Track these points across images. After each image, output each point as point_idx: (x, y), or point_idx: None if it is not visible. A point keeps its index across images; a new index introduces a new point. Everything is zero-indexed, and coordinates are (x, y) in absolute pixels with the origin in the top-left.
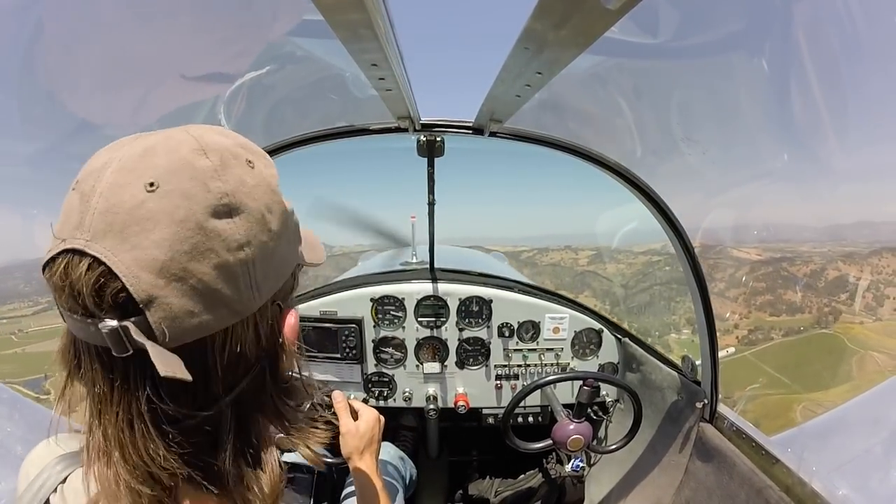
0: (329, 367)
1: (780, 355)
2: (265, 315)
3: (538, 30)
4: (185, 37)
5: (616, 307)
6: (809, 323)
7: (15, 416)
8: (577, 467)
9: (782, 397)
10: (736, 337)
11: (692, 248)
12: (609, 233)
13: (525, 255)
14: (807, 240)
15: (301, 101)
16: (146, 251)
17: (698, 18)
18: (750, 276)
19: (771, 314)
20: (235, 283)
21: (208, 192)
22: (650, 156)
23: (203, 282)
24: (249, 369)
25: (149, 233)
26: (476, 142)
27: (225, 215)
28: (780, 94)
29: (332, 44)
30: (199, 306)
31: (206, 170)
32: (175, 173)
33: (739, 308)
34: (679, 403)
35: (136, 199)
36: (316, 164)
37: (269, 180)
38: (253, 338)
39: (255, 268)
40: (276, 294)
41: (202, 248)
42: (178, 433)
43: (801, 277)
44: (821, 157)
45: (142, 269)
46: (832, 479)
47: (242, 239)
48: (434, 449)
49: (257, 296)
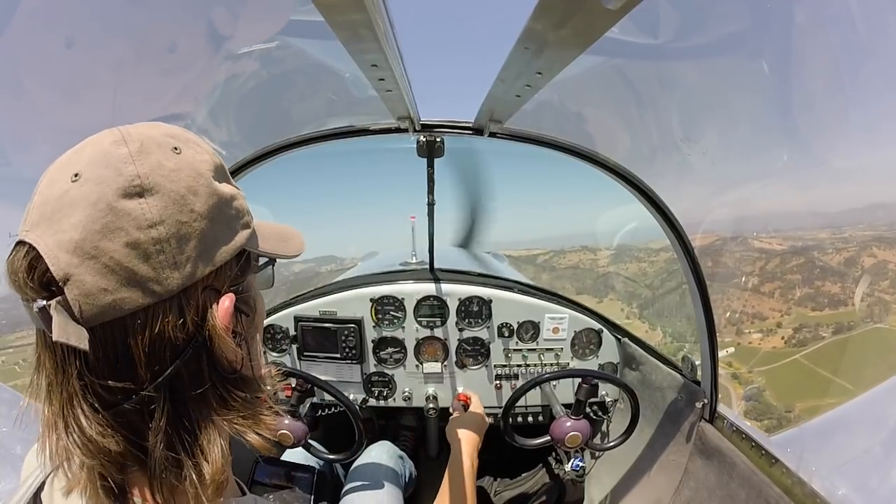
0: (329, 367)
1: (835, 357)
2: (192, 298)
3: (538, 30)
4: (183, 37)
5: (645, 310)
6: (859, 317)
7: (15, 415)
8: (577, 467)
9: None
10: (782, 338)
11: (691, 248)
12: (623, 230)
13: (541, 258)
14: (825, 225)
15: (301, 101)
16: (66, 233)
17: (698, 18)
18: (780, 268)
19: (813, 309)
20: (148, 261)
21: (120, 175)
22: (650, 156)
23: (115, 259)
24: (179, 354)
25: (68, 217)
26: (475, 142)
27: (136, 196)
28: (781, 94)
29: (332, 44)
30: (113, 284)
31: (121, 156)
32: (94, 163)
33: (778, 304)
34: (679, 403)
35: (62, 189)
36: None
37: (197, 165)
38: (177, 321)
39: (171, 246)
40: (209, 278)
41: (112, 226)
42: (113, 415)
43: (834, 266)
44: (821, 155)
45: (61, 249)
46: (832, 478)
47: (155, 218)
48: (434, 449)
49: (177, 276)
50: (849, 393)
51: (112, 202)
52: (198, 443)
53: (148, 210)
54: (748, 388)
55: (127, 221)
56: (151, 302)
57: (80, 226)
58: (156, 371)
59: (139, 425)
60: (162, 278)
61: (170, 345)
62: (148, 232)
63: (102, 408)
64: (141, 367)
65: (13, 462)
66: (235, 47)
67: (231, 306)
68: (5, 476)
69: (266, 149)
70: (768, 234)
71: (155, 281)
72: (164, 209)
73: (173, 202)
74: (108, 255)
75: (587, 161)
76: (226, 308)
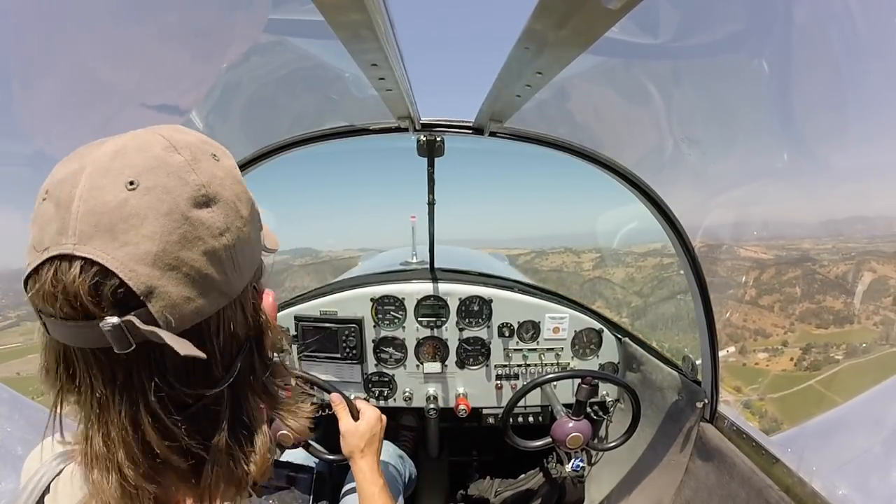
0: (329, 367)
1: (856, 385)
2: (247, 296)
3: (539, 30)
4: (184, 37)
5: (637, 320)
6: (871, 338)
7: (15, 416)
8: (578, 467)
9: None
10: (791, 359)
11: (692, 249)
12: (610, 232)
13: (522, 258)
14: (824, 235)
15: (302, 101)
16: (138, 246)
17: (698, 18)
18: (776, 279)
19: (818, 326)
20: (222, 266)
21: (186, 184)
22: (650, 156)
23: (195, 268)
24: (241, 349)
25: (137, 228)
26: (476, 142)
27: (204, 205)
28: (781, 94)
29: (332, 44)
30: (195, 292)
31: (180, 165)
32: (152, 170)
33: (778, 319)
34: (679, 403)
35: (119, 197)
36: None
37: (234, 172)
38: (241, 318)
39: (236, 252)
40: (253, 276)
41: (190, 236)
42: (184, 420)
43: (833, 280)
44: (821, 156)
45: (136, 262)
46: (832, 478)
47: (223, 226)
48: (434, 449)
49: (240, 278)
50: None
51: (186, 212)
52: (253, 433)
53: (217, 218)
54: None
55: (203, 230)
56: (224, 304)
57: (157, 237)
58: (227, 368)
59: (205, 426)
60: (231, 281)
61: (237, 341)
62: (220, 239)
63: (178, 412)
64: (216, 367)
65: (13, 462)
66: (236, 47)
67: (275, 301)
68: (5, 476)
69: (266, 148)
70: (767, 239)
71: (227, 284)
72: (226, 217)
73: (231, 209)
74: (188, 265)
75: (587, 161)
76: (270, 303)
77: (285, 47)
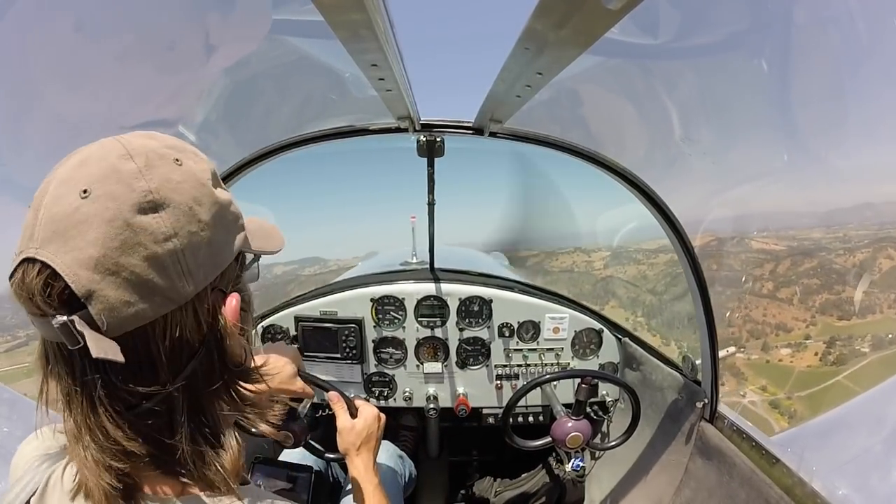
0: (329, 367)
1: (885, 378)
2: (204, 301)
3: (539, 30)
4: (182, 36)
5: (652, 319)
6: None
7: (15, 416)
8: (578, 467)
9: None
10: (815, 353)
11: (692, 248)
12: (619, 230)
13: (532, 260)
14: (834, 224)
15: (301, 101)
16: (83, 251)
17: (698, 19)
18: (793, 271)
19: (840, 318)
20: (166, 272)
21: (132, 191)
22: (650, 155)
23: (135, 273)
24: (194, 353)
25: (84, 234)
26: (476, 142)
27: (150, 211)
28: (781, 94)
29: (332, 44)
30: (135, 296)
31: (131, 172)
32: (104, 179)
33: (799, 313)
34: (679, 403)
35: (72, 206)
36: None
37: (199, 175)
38: (193, 323)
39: (186, 257)
40: (217, 280)
41: (131, 242)
42: (136, 417)
43: (850, 269)
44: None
45: (80, 266)
46: (832, 478)
47: (169, 231)
48: (434, 449)
49: (191, 283)
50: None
51: (128, 218)
52: (217, 435)
53: (162, 224)
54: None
55: (144, 237)
56: (170, 309)
57: (98, 242)
58: (176, 372)
59: (160, 425)
60: (178, 287)
61: (187, 346)
62: (164, 245)
63: (127, 411)
64: (163, 370)
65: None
66: (235, 47)
67: (238, 305)
68: (5, 476)
69: (266, 149)
70: (774, 233)
71: (172, 290)
72: (175, 222)
73: (183, 214)
74: (128, 270)
75: (587, 160)
76: (234, 307)
77: (285, 47)
